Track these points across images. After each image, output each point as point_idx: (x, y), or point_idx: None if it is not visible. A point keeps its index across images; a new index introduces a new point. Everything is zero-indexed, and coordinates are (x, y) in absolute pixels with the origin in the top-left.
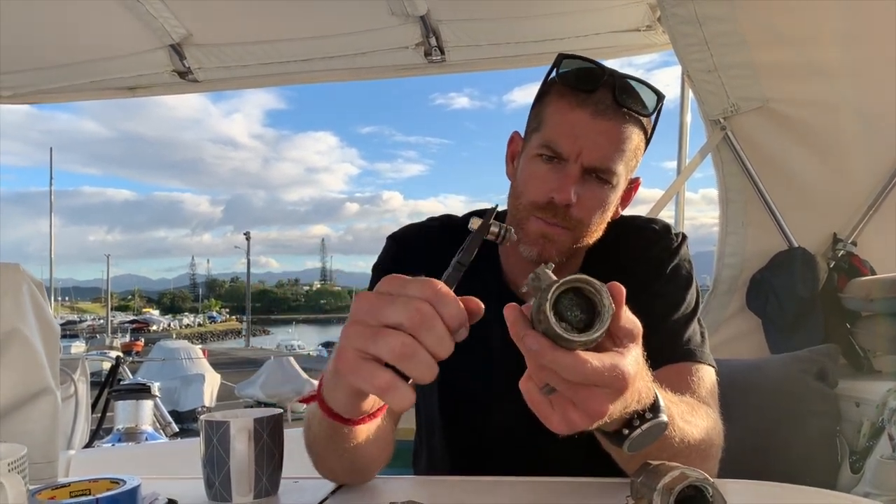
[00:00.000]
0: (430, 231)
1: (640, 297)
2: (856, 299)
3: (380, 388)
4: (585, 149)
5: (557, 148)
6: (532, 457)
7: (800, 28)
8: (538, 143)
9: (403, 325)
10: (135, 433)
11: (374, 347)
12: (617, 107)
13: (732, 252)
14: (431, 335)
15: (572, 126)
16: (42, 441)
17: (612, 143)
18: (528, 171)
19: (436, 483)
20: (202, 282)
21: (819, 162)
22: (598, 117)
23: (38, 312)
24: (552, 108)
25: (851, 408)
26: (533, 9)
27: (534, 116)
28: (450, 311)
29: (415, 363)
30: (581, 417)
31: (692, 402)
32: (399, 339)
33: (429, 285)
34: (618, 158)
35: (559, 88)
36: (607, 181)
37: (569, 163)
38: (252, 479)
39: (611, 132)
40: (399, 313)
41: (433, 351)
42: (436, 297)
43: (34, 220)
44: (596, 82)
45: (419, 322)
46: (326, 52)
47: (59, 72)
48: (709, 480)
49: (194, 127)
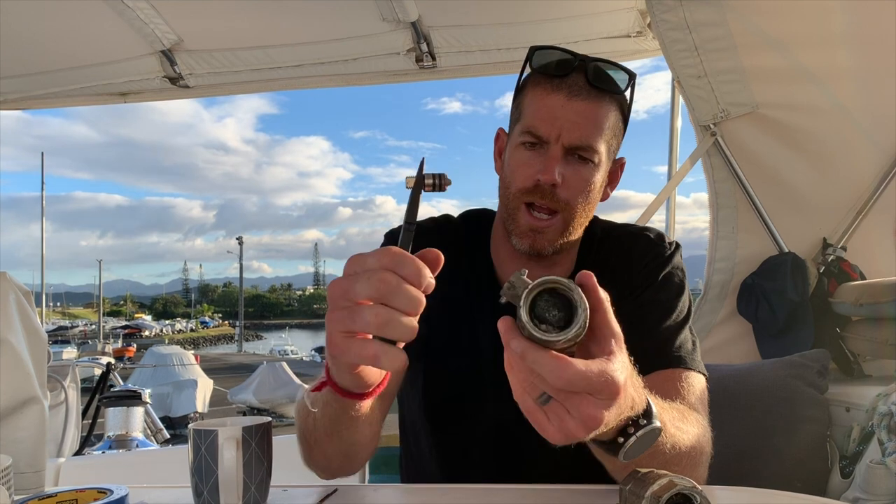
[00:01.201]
0: (425, 229)
1: (632, 304)
2: (846, 304)
3: (371, 358)
4: (564, 129)
5: (537, 132)
6: (519, 460)
7: (789, 33)
8: (519, 131)
9: (373, 297)
10: (125, 440)
11: (354, 325)
12: (591, 87)
13: (723, 257)
14: (400, 298)
15: (550, 109)
16: (29, 450)
17: (589, 122)
18: (513, 160)
19: (425, 491)
20: (195, 287)
21: (809, 167)
22: (573, 98)
23: (25, 321)
24: (529, 97)
25: (841, 412)
26: (523, 15)
27: (514, 109)
28: (409, 270)
29: (393, 327)
30: (577, 426)
31: (682, 409)
32: (373, 311)
33: (385, 254)
34: (597, 136)
35: (535, 78)
36: (589, 159)
37: (550, 145)
38: (240, 487)
39: (587, 111)
40: (366, 288)
41: (406, 310)
42: (393, 262)
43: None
44: (568, 67)
45: (385, 291)
46: (318, 58)
47: (50, 77)
48: (697, 488)
49: (187, 132)
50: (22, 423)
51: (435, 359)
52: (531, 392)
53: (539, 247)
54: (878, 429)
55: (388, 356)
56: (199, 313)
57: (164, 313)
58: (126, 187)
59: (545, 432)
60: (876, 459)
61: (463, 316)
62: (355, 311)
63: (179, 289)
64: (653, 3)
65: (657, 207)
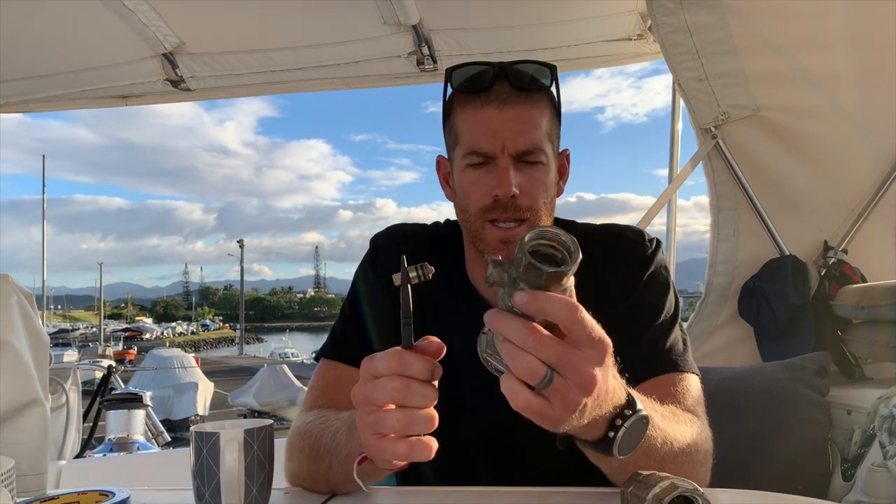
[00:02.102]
0: (409, 234)
1: (618, 307)
2: (847, 307)
3: (405, 455)
4: (507, 139)
5: (481, 149)
6: (511, 465)
7: (790, 36)
8: (462, 154)
9: (392, 402)
10: (126, 443)
11: (383, 429)
12: (518, 91)
13: (724, 260)
14: (415, 398)
15: (486, 124)
16: (31, 453)
17: (528, 126)
18: (464, 183)
19: (425, 494)
20: (195, 290)
21: (809, 169)
22: (504, 107)
23: (28, 323)
24: (461, 118)
25: (843, 415)
26: (524, 18)
27: (448, 134)
28: (416, 369)
29: (415, 425)
30: (577, 392)
31: (675, 410)
32: (394, 416)
33: (393, 359)
34: (539, 137)
35: (460, 98)
36: (538, 161)
37: (497, 158)
38: (242, 490)
39: (522, 116)
40: (384, 396)
41: (422, 406)
42: (400, 366)
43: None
44: (490, 77)
45: (400, 396)
46: (319, 61)
47: (51, 80)
48: (699, 491)
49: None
50: (24, 426)
51: None
52: (534, 376)
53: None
54: (880, 431)
55: (419, 450)
56: (199, 316)
57: (164, 316)
58: (127, 190)
59: (547, 419)
60: (877, 462)
61: (441, 326)
62: (380, 417)
63: (180, 291)
64: (653, 6)
65: (658, 210)
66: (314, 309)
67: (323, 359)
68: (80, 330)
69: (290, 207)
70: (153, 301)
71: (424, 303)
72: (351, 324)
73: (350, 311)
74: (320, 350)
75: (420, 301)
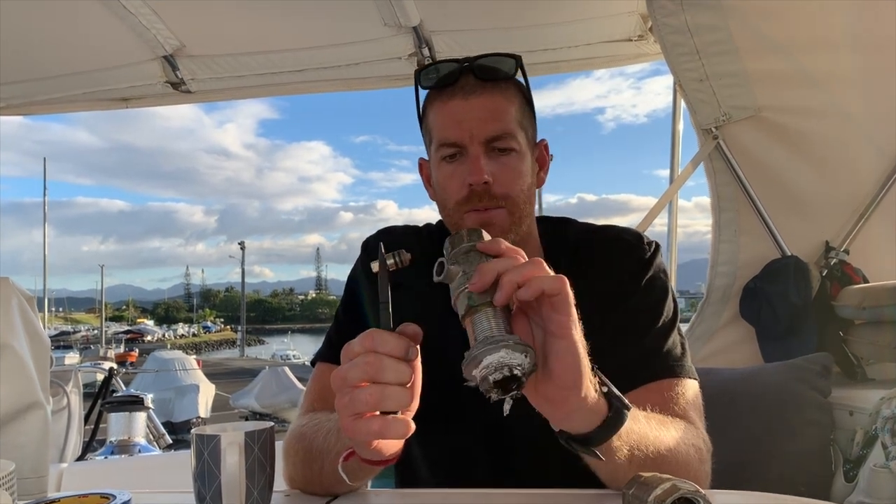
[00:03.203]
0: (399, 236)
1: (616, 311)
2: (849, 307)
3: (377, 433)
4: (474, 128)
5: (450, 140)
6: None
7: (791, 37)
8: (435, 148)
9: (366, 379)
10: (128, 445)
11: (357, 407)
12: (484, 82)
13: (725, 261)
14: (388, 373)
15: (453, 115)
16: (32, 455)
17: (494, 113)
18: (441, 178)
19: (426, 496)
20: (197, 292)
21: (811, 170)
22: (470, 97)
23: (28, 326)
24: (431, 115)
25: (845, 416)
26: (525, 20)
27: (425, 135)
28: (390, 346)
29: (389, 400)
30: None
31: (661, 417)
32: (367, 391)
33: (367, 338)
34: (507, 123)
35: (430, 96)
36: (510, 148)
37: (467, 147)
38: (243, 493)
39: (488, 104)
40: (357, 372)
41: (397, 381)
42: (374, 343)
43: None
44: (455, 72)
45: (373, 371)
46: (319, 63)
47: (52, 83)
48: (700, 492)
49: (188, 137)
50: (25, 428)
51: None
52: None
53: None
54: (882, 432)
55: (393, 427)
56: (201, 318)
57: (166, 318)
58: (127, 192)
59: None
60: (880, 463)
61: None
62: (353, 394)
63: (181, 293)
64: (654, 7)
65: (659, 211)
66: (316, 310)
67: (319, 362)
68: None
69: (291, 209)
70: (154, 303)
71: (418, 302)
72: (345, 327)
73: (344, 315)
74: (316, 354)
75: (413, 300)
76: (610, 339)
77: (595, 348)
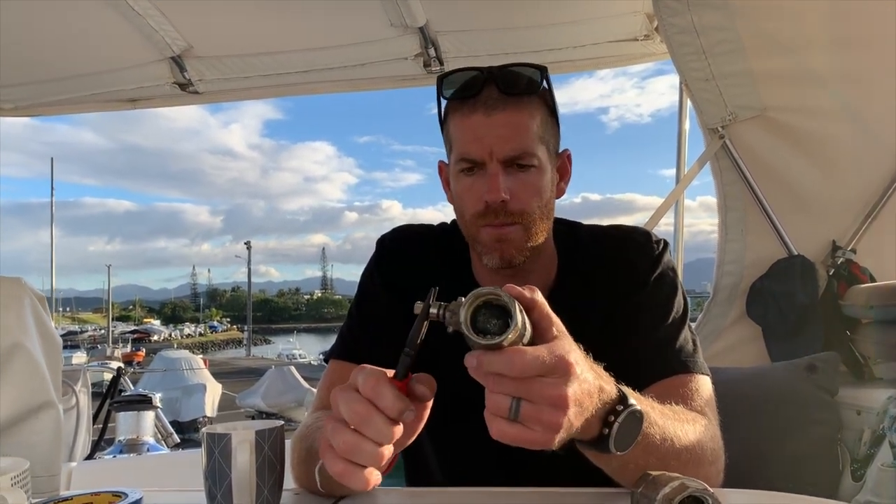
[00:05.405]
0: (415, 235)
1: (626, 309)
2: (856, 307)
3: (337, 475)
4: (494, 146)
5: (470, 156)
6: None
7: (798, 36)
8: (454, 160)
9: (348, 422)
10: (136, 444)
11: (332, 439)
12: (507, 97)
13: (732, 260)
14: (370, 428)
15: (473, 131)
16: (44, 454)
17: (516, 130)
18: (458, 189)
19: (436, 494)
20: (203, 291)
21: (817, 169)
22: (491, 113)
23: (40, 326)
24: (453, 124)
25: (852, 416)
26: (531, 19)
27: (446, 141)
28: (385, 403)
29: (358, 455)
30: (552, 413)
31: (677, 409)
32: (343, 437)
33: (370, 380)
34: (528, 141)
35: (452, 105)
36: (529, 165)
37: (486, 164)
38: (253, 491)
39: (510, 121)
40: (345, 411)
41: (375, 440)
42: (373, 392)
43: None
44: (478, 83)
45: (357, 420)
46: (326, 64)
47: (60, 84)
48: (709, 491)
49: (193, 138)
50: (38, 428)
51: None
52: (501, 409)
53: (509, 256)
54: (889, 432)
55: (354, 479)
56: (207, 318)
57: (172, 318)
58: (134, 193)
59: (535, 441)
60: (887, 462)
61: None
62: (335, 429)
63: (188, 293)
64: (660, 7)
65: (666, 210)
66: (322, 310)
67: (332, 359)
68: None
69: (297, 209)
70: (161, 303)
71: None
72: (358, 324)
73: (357, 312)
74: (329, 351)
75: None
76: (622, 336)
77: (606, 346)
